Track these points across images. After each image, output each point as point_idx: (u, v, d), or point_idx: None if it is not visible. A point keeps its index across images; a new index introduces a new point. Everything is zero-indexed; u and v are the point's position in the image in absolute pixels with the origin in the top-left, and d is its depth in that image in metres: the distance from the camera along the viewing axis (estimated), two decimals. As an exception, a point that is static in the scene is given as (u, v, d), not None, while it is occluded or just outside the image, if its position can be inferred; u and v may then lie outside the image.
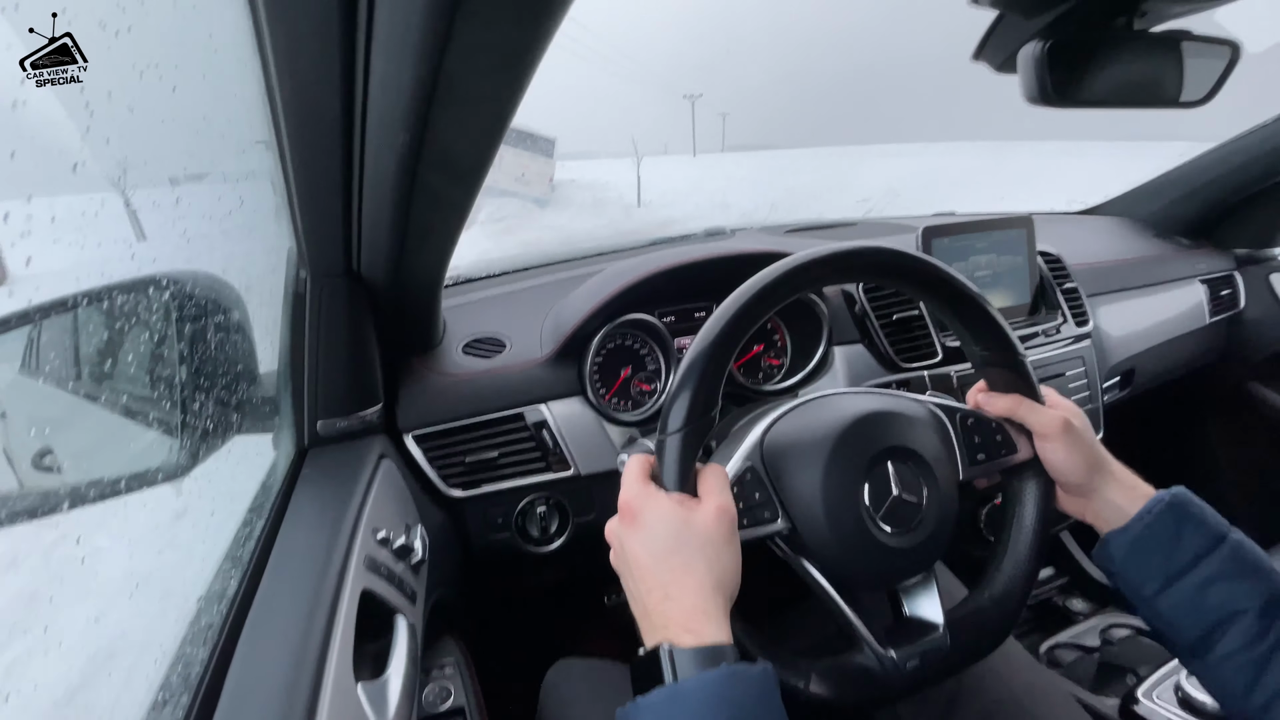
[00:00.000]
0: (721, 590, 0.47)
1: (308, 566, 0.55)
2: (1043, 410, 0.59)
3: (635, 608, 0.49)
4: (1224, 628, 0.50)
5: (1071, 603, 1.33)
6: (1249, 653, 0.49)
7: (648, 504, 0.49)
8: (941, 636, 0.55)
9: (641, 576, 0.48)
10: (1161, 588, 0.53)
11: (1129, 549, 0.55)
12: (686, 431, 0.50)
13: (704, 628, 0.44)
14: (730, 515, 0.49)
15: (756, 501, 0.54)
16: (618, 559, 0.51)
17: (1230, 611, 0.50)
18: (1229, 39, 0.62)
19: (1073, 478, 0.59)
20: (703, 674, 0.42)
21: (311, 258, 0.67)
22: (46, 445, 0.62)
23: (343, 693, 0.46)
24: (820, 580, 0.56)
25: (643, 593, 0.47)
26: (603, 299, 0.90)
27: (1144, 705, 0.78)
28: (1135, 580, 0.55)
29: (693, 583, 0.46)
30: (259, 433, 0.75)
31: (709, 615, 0.45)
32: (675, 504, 0.48)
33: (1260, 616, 0.49)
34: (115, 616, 0.57)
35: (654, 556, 0.47)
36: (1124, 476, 0.59)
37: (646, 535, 0.48)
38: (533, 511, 0.90)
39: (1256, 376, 1.50)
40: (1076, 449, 0.58)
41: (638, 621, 0.48)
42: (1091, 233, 1.49)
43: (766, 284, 0.53)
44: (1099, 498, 0.58)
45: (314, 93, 0.45)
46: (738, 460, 0.56)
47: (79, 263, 0.52)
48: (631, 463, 0.53)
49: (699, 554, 0.47)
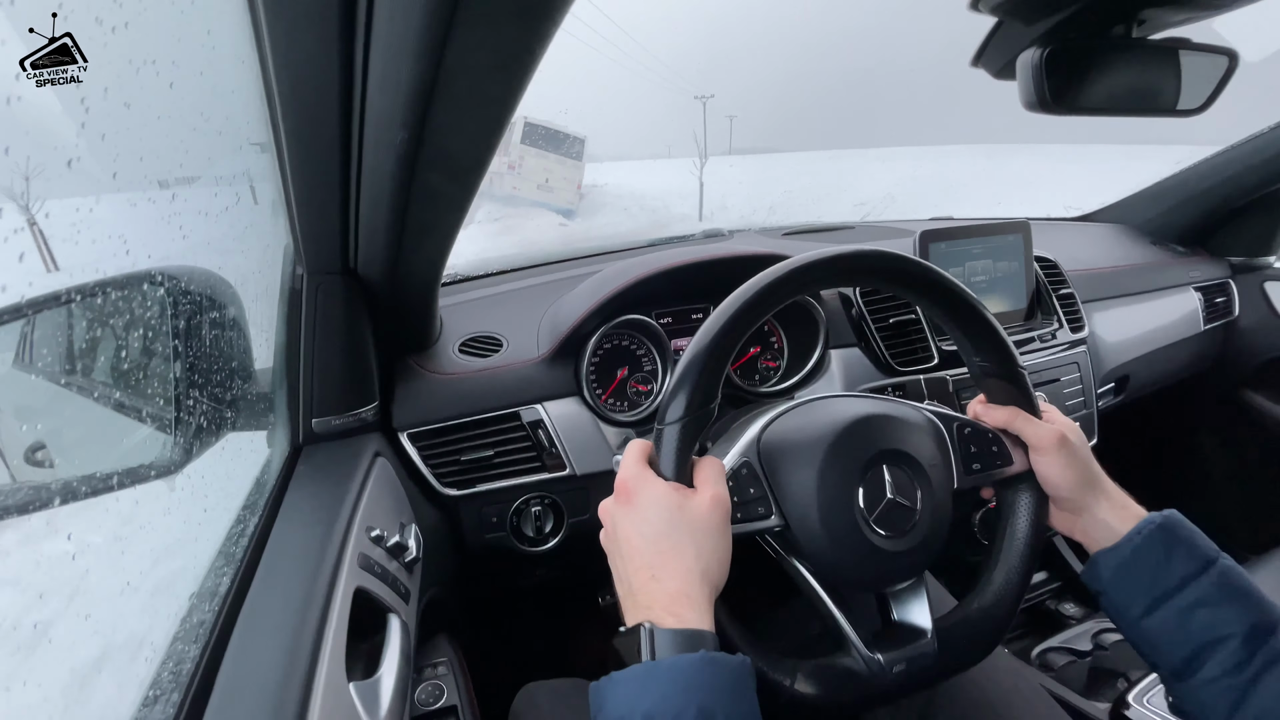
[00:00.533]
0: (708, 578, 0.47)
1: (301, 564, 0.54)
2: (1039, 424, 0.60)
3: (620, 587, 0.49)
4: (1208, 652, 0.50)
5: (1064, 607, 1.33)
6: (1232, 678, 0.49)
7: (644, 485, 0.49)
8: (929, 643, 0.55)
9: (630, 555, 0.48)
10: (1147, 610, 0.53)
11: (1116, 569, 0.55)
12: (685, 422, 0.50)
13: (686, 612, 0.44)
14: (724, 506, 0.50)
15: (751, 497, 0.54)
16: (608, 538, 0.51)
17: (1215, 637, 0.50)
18: (1227, 48, 0.62)
19: (1065, 492, 0.59)
20: (679, 656, 0.42)
21: (308, 255, 0.67)
22: (39, 440, 0.61)
23: (335, 691, 0.46)
24: (810, 580, 0.56)
25: (630, 571, 0.48)
26: (600, 299, 0.90)
27: (1135, 710, 0.79)
28: (1121, 601, 0.55)
29: (680, 567, 0.46)
30: (253, 429, 0.75)
31: (693, 600, 0.45)
32: (670, 489, 0.49)
33: (1245, 642, 0.49)
34: (106, 613, 0.57)
35: (645, 537, 0.48)
36: (1117, 496, 0.59)
37: (639, 516, 0.49)
38: (527, 511, 0.90)
39: (1250, 384, 1.51)
40: (1071, 464, 0.58)
41: (621, 600, 0.49)
42: (1088, 239, 1.49)
43: (768, 284, 0.53)
44: (1090, 516, 0.58)
45: (312, 90, 0.45)
46: (735, 454, 0.56)
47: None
48: (632, 445, 0.53)
49: (690, 539, 0.47)
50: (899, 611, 0.58)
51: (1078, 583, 1.37)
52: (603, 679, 0.43)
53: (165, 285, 0.64)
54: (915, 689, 0.56)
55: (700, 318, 0.99)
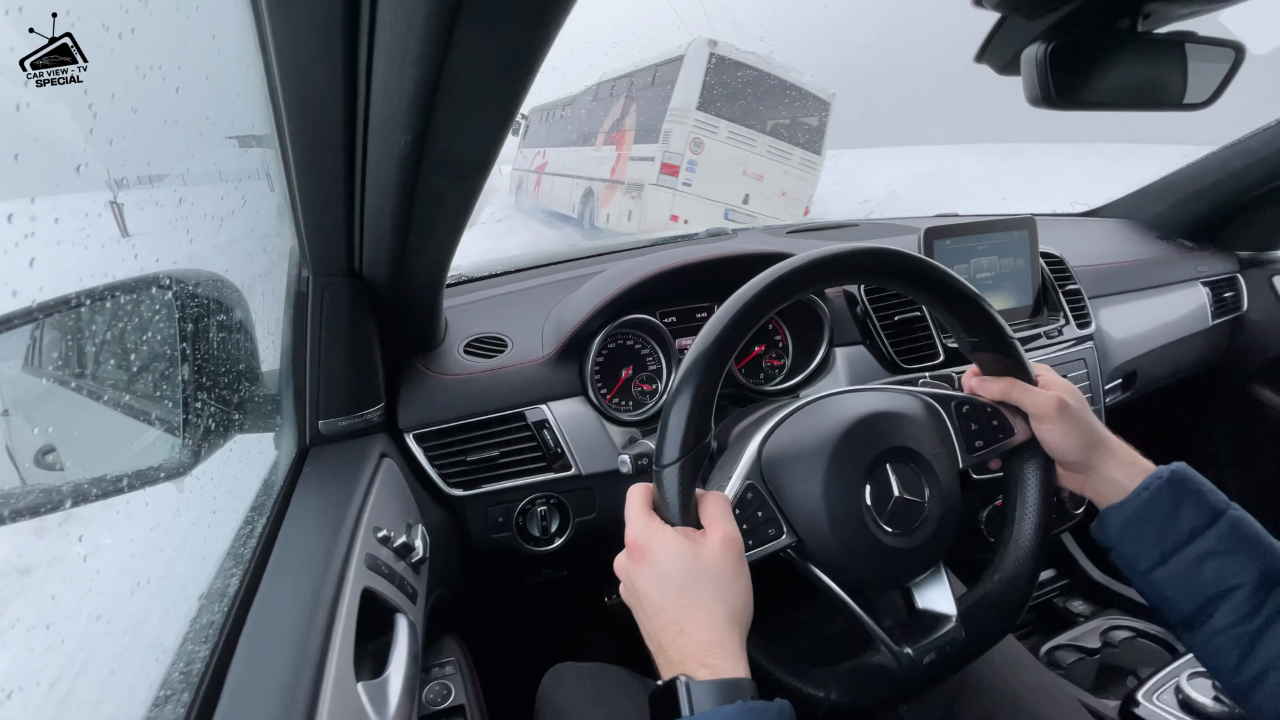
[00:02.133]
0: (735, 622, 0.47)
1: (309, 565, 0.55)
2: (1036, 391, 0.60)
3: (650, 643, 0.49)
4: (1218, 602, 0.50)
5: (1072, 604, 1.33)
6: (1242, 627, 0.49)
7: (654, 540, 0.49)
8: (956, 628, 0.56)
9: (654, 613, 0.47)
10: (1157, 562, 0.53)
11: (1126, 523, 0.55)
12: (683, 462, 0.50)
13: (720, 662, 0.44)
14: (736, 544, 0.49)
15: (760, 520, 0.54)
16: (628, 594, 0.51)
17: (1225, 587, 0.50)
18: (1233, 41, 0.61)
19: (1070, 455, 0.59)
20: (718, 709, 0.41)
21: (313, 257, 0.67)
22: (49, 443, 0.62)
23: (343, 691, 0.46)
24: (831, 585, 0.56)
25: (656, 629, 0.47)
26: (604, 299, 0.90)
27: (1144, 707, 0.78)
28: (1131, 554, 0.55)
29: (706, 617, 0.46)
30: (261, 431, 0.75)
31: (724, 649, 0.45)
32: (681, 538, 0.48)
33: (1255, 591, 0.49)
34: (117, 614, 0.57)
35: (665, 594, 0.47)
36: (1123, 453, 0.59)
37: (656, 573, 0.48)
38: (533, 511, 0.90)
39: (1259, 379, 1.50)
40: (1073, 428, 0.58)
41: (654, 655, 0.48)
42: (1094, 234, 1.48)
43: (769, 284, 0.53)
44: (1098, 474, 0.59)
45: (317, 93, 0.45)
46: (737, 480, 0.55)
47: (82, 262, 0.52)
48: (632, 495, 0.52)
49: (710, 588, 0.47)
50: (922, 600, 0.59)
51: (1086, 580, 1.36)
52: None
53: (173, 289, 0.64)
54: (948, 675, 0.56)
55: (704, 317, 0.99)
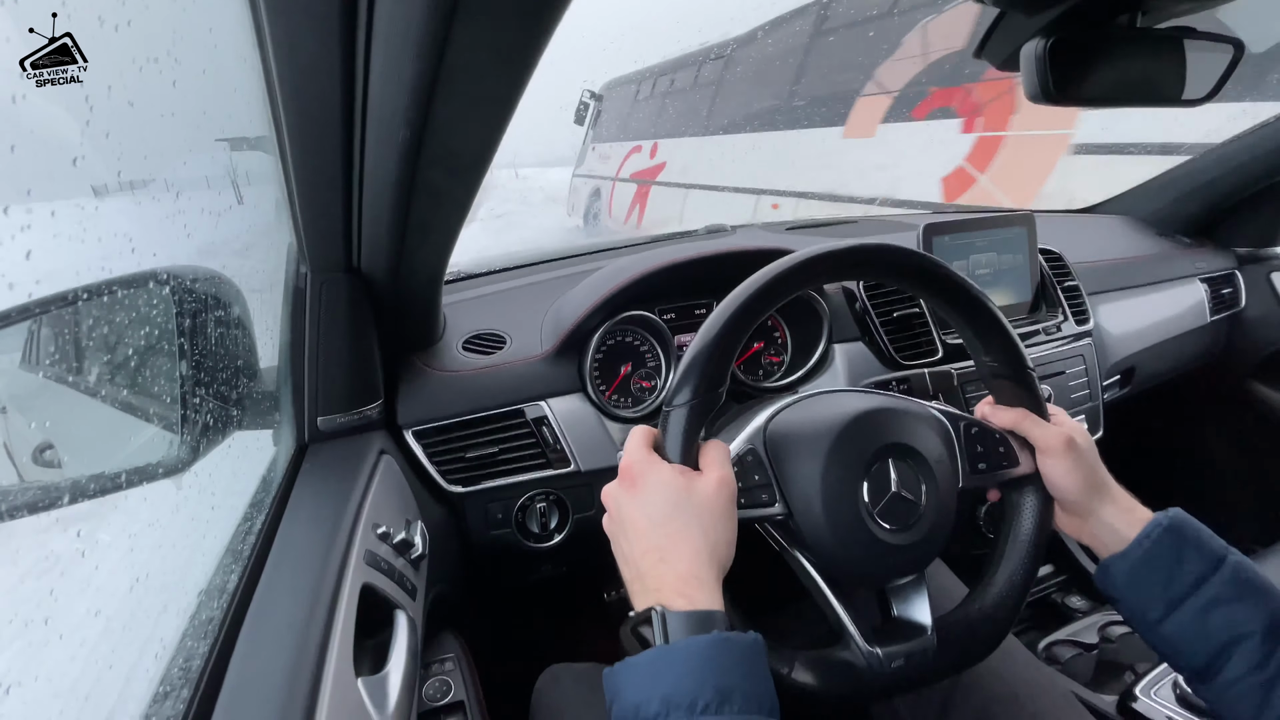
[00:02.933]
0: (715, 559, 0.47)
1: (308, 561, 0.55)
2: (1047, 426, 0.59)
3: (627, 570, 0.49)
4: (1229, 651, 0.50)
5: (1070, 600, 1.33)
6: (1255, 677, 0.49)
7: (649, 469, 0.49)
8: (929, 639, 0.55)
9: (637, 539, 0.48)
10: (1165, 613, 0.53)
11: (1130, 573, 0.55)
12: (692, 404, 0.50)
13: (697, 593, 0.45)
14: (730, 488, 0.50)
15: (756, 483, 0.55)
16: (612, 522, 0.51)
17: (1234, 635, 0.50)
18: (1232, 37, 0.62)
19: (1071, 495, 0.58)
20: (693, 638, 0.42)
21: (312, 253, 0.67)
22: (47, 440, 0.62)
23: (343, 687, 0.46)
24: (811, 572, 0.56)
25: (637, 555, 0.48)
26: (603, 295, 0.90)
27: (1142, 702, 0.79)
28: (1139, 606, 0.55)
29: (688, 549, 0.46)
30: (259, 428, 0.75)
31: (702, 582, 0.45)
32: (676, 473, 0.49)
33: (1264, 639, 0.49)
34: (115, 610, 0.57)
35: (651, 520, 0.48)
36: (1122, 499, 0.59)
37: (645, 499, 0.49)
38: (533, 507, 0.90)
39: (1257, 375, 1.50)
40: (1077, 467, 0.58)
41: (628, 585, 0.49)
42: (1092, 231, 1.48)
43: (774, 277, 0.53)
44: (1097, 520, 0.58)
45: (314, 88, 0.45)
46: (741, 441, 0.56)
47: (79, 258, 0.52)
48: (635, 431, 0.53)
49: (696, 521, 0.47)
50: (899, 608, 0.58)
51: (1084, 575, 1.36)
52: (617, 665, 0.43)
53: (170, 284, 0.64)
54: (914, 685, 0.56)
55: (704, 313, 0.99)
